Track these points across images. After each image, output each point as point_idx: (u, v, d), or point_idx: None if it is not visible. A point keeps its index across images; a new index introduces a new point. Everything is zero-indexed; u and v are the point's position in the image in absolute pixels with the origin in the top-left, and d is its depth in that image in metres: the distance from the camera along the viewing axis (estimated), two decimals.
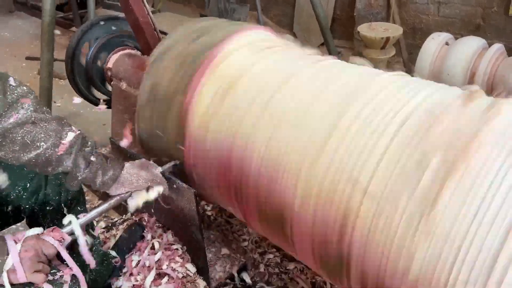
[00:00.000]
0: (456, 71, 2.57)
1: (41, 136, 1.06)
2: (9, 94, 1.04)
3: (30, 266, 0.99)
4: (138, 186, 1.25)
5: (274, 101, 1.19)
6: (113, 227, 1.86)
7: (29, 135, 1.05)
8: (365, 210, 0.96)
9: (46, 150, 1.07)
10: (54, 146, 1.08)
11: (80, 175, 1.15)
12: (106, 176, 1.19)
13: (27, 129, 1.05)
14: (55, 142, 1.08)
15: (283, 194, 1.15)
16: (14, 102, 1.04)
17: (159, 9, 5.07)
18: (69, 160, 1.11)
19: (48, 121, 1.08)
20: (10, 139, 1.04)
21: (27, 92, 1.07)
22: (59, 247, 1.07)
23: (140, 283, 1.45)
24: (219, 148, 1.28)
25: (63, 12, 4.91)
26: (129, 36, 2.15)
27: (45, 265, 1.03)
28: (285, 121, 1.14)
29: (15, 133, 1.04)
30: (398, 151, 0.94)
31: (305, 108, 1.13)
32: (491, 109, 0.93)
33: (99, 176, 1.18)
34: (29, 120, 1.05)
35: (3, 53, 4.47)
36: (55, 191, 1.33)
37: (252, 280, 1.69)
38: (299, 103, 1.15)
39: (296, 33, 4.75)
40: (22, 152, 1.05)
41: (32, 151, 1.06)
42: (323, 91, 1.14)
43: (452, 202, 0.83)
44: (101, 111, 2.41)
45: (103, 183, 1.19)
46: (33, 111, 1.06)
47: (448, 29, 3.42)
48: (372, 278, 0.99)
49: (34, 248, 1.01)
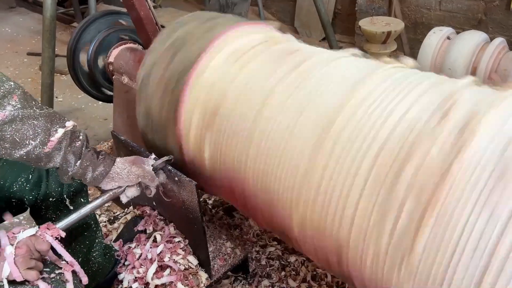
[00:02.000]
0: (457, 66, 2.56)
1: (29, 133, 1.05)
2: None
3: (21, 263, 0.97)
4: (129, 181, 1.26)
5: (256, 127, 1.18)
6: (115, 220, 1.87)
7: (17, 133, 1.04)
8: (354, 246, 0.98)
9: (34, 148, 1.07)
10: (42, 144, 1.07)
11: (71, 171, 1.15)
12: (96, 172, 1.20)
13: (16, 127, 1.03)
14: (43, 140, 1.07)
15: (282, 220, 1.18)
16: (0, 99, 1.01)
17: (160, 4, 5.07)
18: (58, 157, 1.11)
19: (37, 118, 1.07)
20: (0, 137, 1.03)
21: (14, 87, 1.05)
22: (53, 242, 1.05)
23: (142, 275, 1.46)
24: (220, 175, 1.33)
25: (64, 8, 4.90)
26: (131, 30, 2.15)
27: (38, 262, 1.01)
28: (270, 148, 1.14)
29: (4, 131, 1.02)
30: (375, 190, 0.93)
31: (286, 136, 1.11)
32: (465, 131, 0.86)
33: (89, 171, 1.18)
34: (17, 118, 1.03)
35: (5, 48, 4.47)
36: (57, 183, 1.33)
37: (253, 272, 1.70)
38: (280, 127, 1.13)
39: (297, 28, 4.74)
40: (12, 149, 1.05)
41: (22, 149, 1.05)
42: (297, 123, 1.10)
43: (428, 248, 0.83)
44: (102, 106, 2.41)
45: (94, 179, 1.20)
46: (21, 108, 1.04)
47: (449, 24, 3.41)
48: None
49: (26, 244, 1.00)
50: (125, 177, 1.25)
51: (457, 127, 0.88)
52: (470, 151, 0.83)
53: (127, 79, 1.97)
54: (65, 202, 1.35)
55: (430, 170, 0.86)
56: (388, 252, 0.91)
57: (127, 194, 1.29)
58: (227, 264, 1.56)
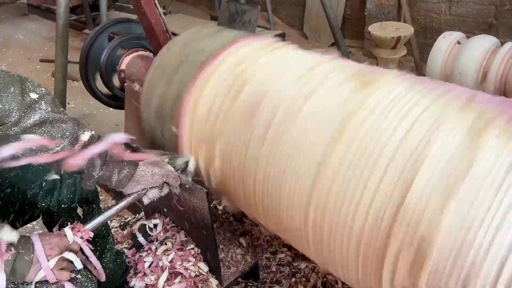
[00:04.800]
0: (468, 70, 2.54)
1: (58, 136, 1.09)
2: (27, 96, 1.06)
3: (55, 265, 1.01)
4: (154, 182, 1.26)
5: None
6: (126, 226, 1.89)
7: (46, 135, 1.07)
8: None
9: (63, 150, 1.09)
10: (70, 146, 1.10)
11: (96, 174, 1.16)
12: (122, 174, 1.20)
13: (45, 129, 1.07)
14: (71, 142, 1.11)
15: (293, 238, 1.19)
16: (33, 103, 1.06)
17: (170, 11, 5.12)
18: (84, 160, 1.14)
19: (65, 122, 1.11)
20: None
21: (44, 93, 1.10)
22: (82, 244, 1.10)
23: (153, 283, 1.47)
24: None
25: (76, 15, 4.97)
26: (142, 38, 2.17)
27: (69, 263, 1.06)
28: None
29: (33, 132, 1.06)
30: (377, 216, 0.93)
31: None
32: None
33: (115, 174, 1.19)
34: (47, 120, 1.07)
35: (18, 55, 4.55)
36: (70, 190, 1.35)
37: (264, 279, 1.70)
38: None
39: (307, 33, 4.75)
40: (40, 152, 1.08)
41: (50, 151, 1.08)
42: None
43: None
44: (114, 112, 2.44)
45: (119, 181, 1.20)
46: (51, 111, 1.09)
47: (459, 28, 3.39)
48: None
49: (58, 245, 1.04)
50: (149, 179, 1.25)
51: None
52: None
53: (138, 86, 1.99)
54: (77, 209, 1.37)
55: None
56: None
57: (149, 195, 1.29)
58: (237, 271, 1.56)
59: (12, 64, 4.27)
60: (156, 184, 1.27)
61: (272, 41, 1.44)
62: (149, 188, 1.27)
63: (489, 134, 0.86)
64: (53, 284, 1.02)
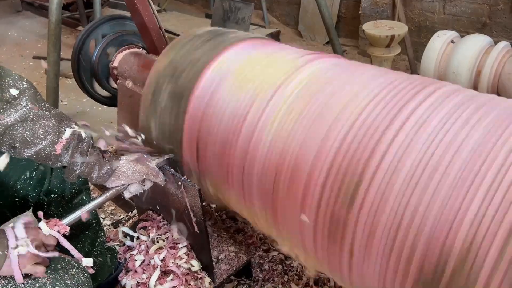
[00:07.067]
0: (461, 69, 2.55)
1: (39, 133, 1.08)
2: (6, 91, 1.04)
3: (30, 258, 0.99)
4: (134, 179, 1.29)
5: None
6: (118, 224, 1.88)
7: (28, 132, 1.07)
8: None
9: (45, 148, 1.10)
10: (52, 144, 1.10)
11: (77, 169, 1.18)
12: (102, 171, 1.22)
13: (26, 127, 1.06)
14: (53, 140, 1.10)
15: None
16: (12, 98, 1.04)
17: (165, 8, 5.10)
18: (66, 156, 1.14)
19: (47, 118, 1.10)
20: (10, 136, 1.06)
21: (25, 88, 1.08)
22: (60, 238, 1.09)
23: (145, 281, 1.46)
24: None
25: (70, 12, 4.94)
26: (135, 35, 2.16)
27: (45, 257, 1.04)
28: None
29: (15, 130, 1.05)
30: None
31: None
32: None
33: (95, 170, 1.21)
34: (28, 118, 1.06)
35: (11, 52, 4.51)
36: (59, 180, 1.36)
37: (256, 277, 1.70)
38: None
39: (302, 32, 4.75)
40: (22, 148, 1.08)
41: (32, 148, 1.08)
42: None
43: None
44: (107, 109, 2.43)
45: (100, 177, 1.23)
46: (32, 108, 1.07)
47: (453, 27, 3.40)
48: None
49: (35, 239, 1.02)
50: (130, 175, 1.28)
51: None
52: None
53: (131, 84, 1.98)
54: (67, 200, 1.37)
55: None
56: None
57: (130, 190, 1.32)
58: (230, 269, 1.56)
59: (5, 61, 4.24)
60: (136, 180, 1.30)
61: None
62: (130, 184, 1.30)
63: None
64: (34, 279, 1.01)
